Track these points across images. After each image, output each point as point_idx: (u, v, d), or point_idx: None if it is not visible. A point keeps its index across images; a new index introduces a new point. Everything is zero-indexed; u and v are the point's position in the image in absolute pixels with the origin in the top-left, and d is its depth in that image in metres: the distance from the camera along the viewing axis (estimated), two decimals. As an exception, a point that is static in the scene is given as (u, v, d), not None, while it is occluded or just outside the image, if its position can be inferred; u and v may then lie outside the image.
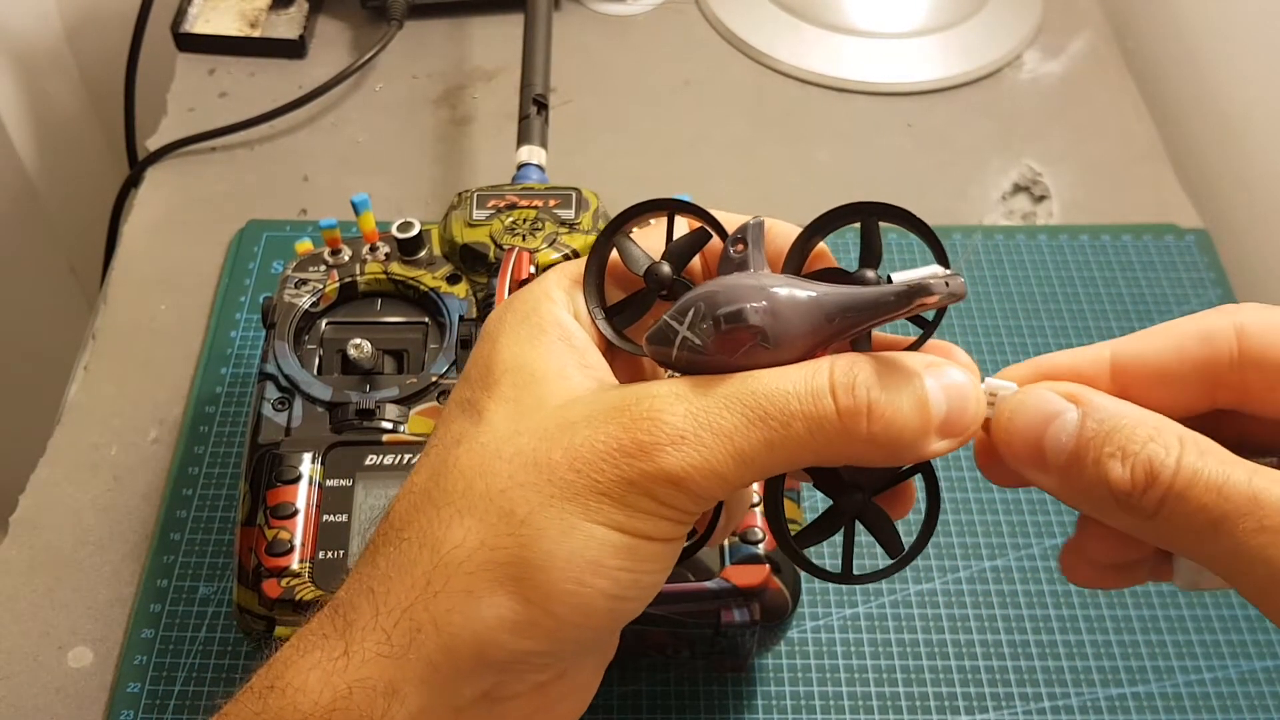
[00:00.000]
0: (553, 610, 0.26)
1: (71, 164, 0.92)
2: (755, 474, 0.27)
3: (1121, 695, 0.49)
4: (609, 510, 0.26)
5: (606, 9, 0.81)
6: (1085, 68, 0.78)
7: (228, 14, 0.78)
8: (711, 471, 0.26)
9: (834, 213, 0.29)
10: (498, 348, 0.29)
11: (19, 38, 0.85)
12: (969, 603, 0.52)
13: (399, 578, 0.27)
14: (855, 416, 0.26)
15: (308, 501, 0.43)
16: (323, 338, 0.49)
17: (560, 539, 0.26)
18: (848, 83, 0.76)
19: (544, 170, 0.57)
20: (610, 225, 0.30)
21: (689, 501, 0.27)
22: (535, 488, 0.27)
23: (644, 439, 0.26)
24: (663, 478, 0.26)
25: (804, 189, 0.70)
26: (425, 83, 0.75)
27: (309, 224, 0.66)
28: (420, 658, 0.27)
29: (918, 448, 0.27)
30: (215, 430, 0.56)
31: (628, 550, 0.27)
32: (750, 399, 0.26)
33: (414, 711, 0.27)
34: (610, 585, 0.27)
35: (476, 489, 0.27)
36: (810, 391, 0.26)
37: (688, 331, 0.27)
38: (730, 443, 0.26)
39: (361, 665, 0.27)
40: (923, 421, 0.26)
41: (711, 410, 0.26)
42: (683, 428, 0.26)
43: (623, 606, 0.27)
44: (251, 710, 0.27)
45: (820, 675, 0.49)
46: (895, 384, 0.26)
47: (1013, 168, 0.71)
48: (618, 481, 0.26)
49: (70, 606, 0.51)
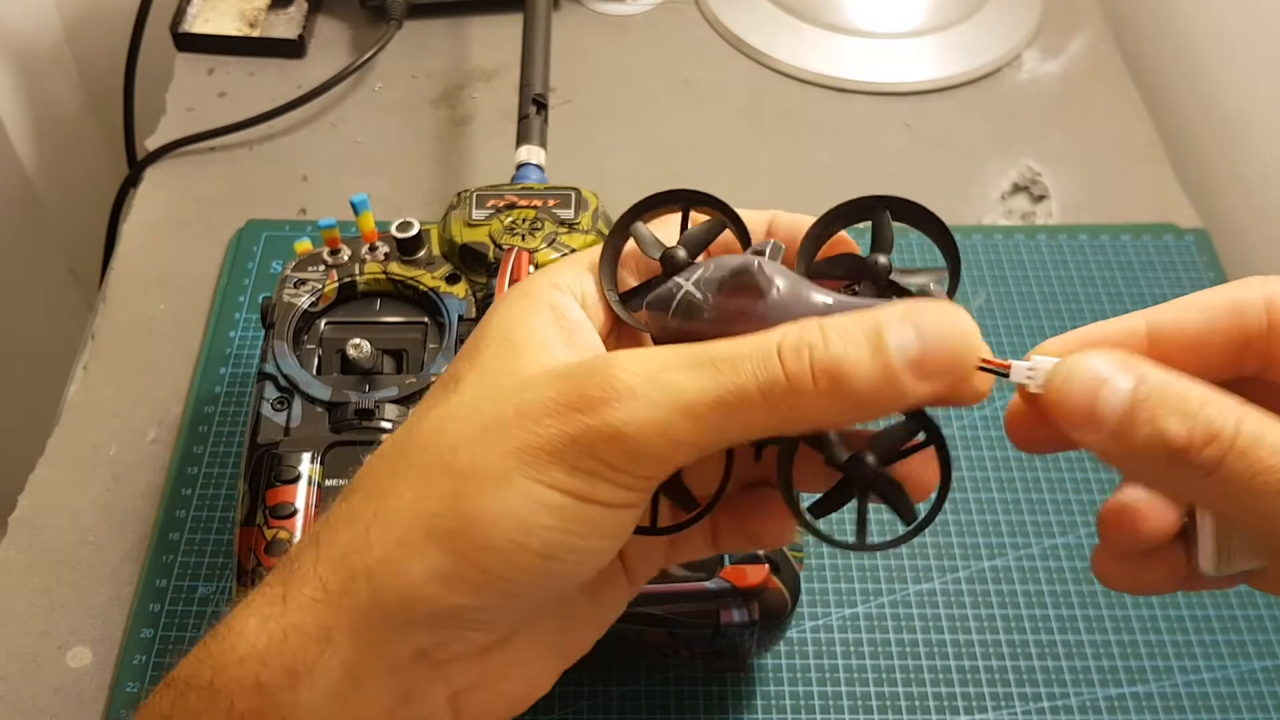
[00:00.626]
0: (481, 564, 0.26)
1: (71, 164, 0.92)
2: (710, 435, 0.26)
3: (1120, 695, 0.49)
4: (549, 467, 0.26)
5: (606, 9, 0.81)
6: (1084, 68, 0.78)
7: (227, 14, 0.78)
8: (659, 428, 0.25)
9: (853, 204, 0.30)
10: (489, 322, 0.29)
11: (18, 37, 0.84)
12: (968, 603, 0.52)
13: (343, 529, 0.28)
14: (801, 377, 0.25)
15: (307, 501, 0.43)
16: (322, 337, 0.49)
17: (495, 494, 0.26)
18: (847, 82, 0.76)
19: (543, 170, 0.57)
20: (629, 212, 0.30)
21: (635, 463, 0.26)
22: (480, 443, 0.26)
23: (592, 394, 0.26)
24: (607, 433, 0.25)
25: (803, 189, 0.70)
26: (424, 82, 0.75)
27: (308, 224, 0.66)
28: (352, 606, 0.27)
29: (890, 395, 0.26)
30: (214, 430, 0.56)
31: (563, 511, 0.26)
32: (705, 357, 0.26)
33: (347, 661, 0.27)
34: (541, 545, 0.26)
35: (429, 448, 0.27)
36: (761, 352, 0.26)
37: (690, 286, 0.28)
38: (680, 399, 0.25)
39: (298, 610, 0.27)
40: (882, 368, 0.25)
41: (667, 368, 0.26)
42: (633, 384, 0.26)
43: (556, 568, 0.27)
44: (196, 656, 0.28)
45: (819, 675, 0.49)
46: (849, 338, 0.26)
47: (1012, 168, 0.71)
48: (560, 437, 0.26)
49: (69, 606, 0.51)
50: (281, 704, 0.27)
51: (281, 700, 0.27)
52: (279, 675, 0.27)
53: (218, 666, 0.27)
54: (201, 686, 0.27)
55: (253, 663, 0.27)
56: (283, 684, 0.27)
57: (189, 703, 0.27)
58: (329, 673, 0.27)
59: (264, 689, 0.27)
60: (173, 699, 0.28)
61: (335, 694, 0.27)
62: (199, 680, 0.27)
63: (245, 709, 0.27)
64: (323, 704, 0.27)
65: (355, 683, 0.27)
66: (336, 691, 0.27)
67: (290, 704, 0.27)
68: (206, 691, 0.27)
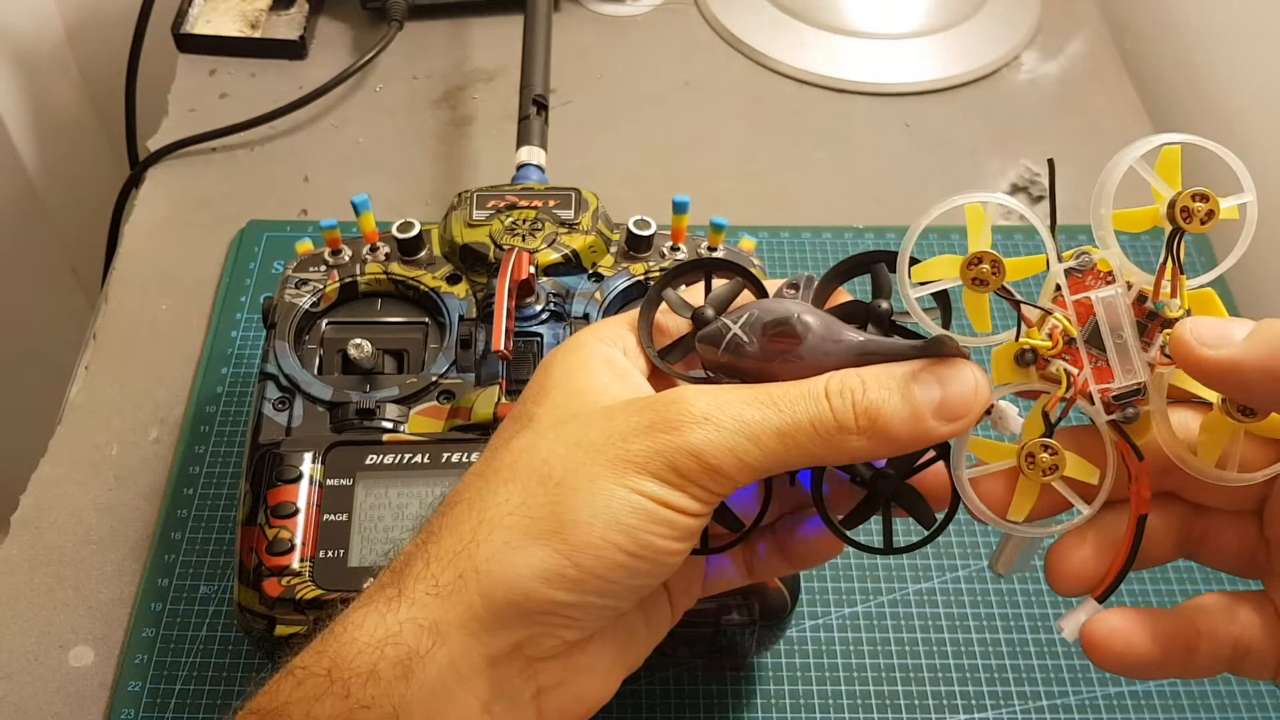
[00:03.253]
0: (579, 561, 0.30)
1: (72, 164, 0.92)
2: (769, 460, 0.30)
3: (1119, 694, 0.49)
4: (635, 476, 0.30)
5: (606, 10, 0.81)
6: (1083, 68, 0.78)
7: (228, 15, 0.78)
8: (729, 449, 0.30)
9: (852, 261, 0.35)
10: (549, 371, 0.34)
11: (20, 39, 0.85)
12: (967, 601, 0.52)
13: (449, 534, 0.31)
14: (844, 413, 0.30)
15: (308, 501, 0.43)
16: (323, 338, 0.49)
17: (589, 497, 0.30)
18: (846, 83, 0.76)
19: (544, 171, 0.57)
20: (660, 280, 0.35)
21: (708, 477, 0.30)
22: (573, 457, 0.31)
23: (673, 418, 0.30)
24: (687, 449, 0.30)
25: (802, 189, 0.70)
26: (425, 83, 0.76)
27: (309, 224, 0.66)
28: (462, 601, 0.30)
29: (919, 433, 0.30)
30: (216, 430, 0.57)
31: (648, 514, 0.30)
32: (764, 395, 0.31)
33: (454, 654, 0.30)
34: (628, 542, 0.30)
35: (522, 462, 0.31)
36: (812, 393, 0.31)
37: (739, 329, 0.32)
38: (746, 427, 0.30)
39: (412, 605, 0.30)
40: (911, 410, 0.30)
41: (732, 402, 0.30)
42: (707, 411, 0.30)
43: (640, 567, 0.30)
44: (314, 649, 0.30)
45: (819, 674, 0.50)
46: (884, 385, 0.30)
47: (1010, 168, 0.71)
48: (646, 451, 0.30)
49: (71, 606, 0.51)
50: (394, 693, 0.29)
51: (394, 690, 0.29)
52: (393, 666, 0.29)
53: (336, 658, 0.30)
54: (319, 675, 0.29)
55: (369, 654, 0.29)
56: (396, 675, 0.29)
57: (307, 690, 0.29)
58: (437, 665, 0.29)
59: (379, 678, 0.29)
60: (291, 686, 0.30)
61: (441, 685, 0.29)
62: (317, 669, 0.30)
63: (360, 697, 0.29)
64: (430, 695, 0.29)
65: (459, 675, 0.30)
66: (442, 683, 0.29)
67: (401, 694, 0.29)
68: (324, 680, 0.29)
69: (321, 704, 0.29)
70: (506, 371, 0.47)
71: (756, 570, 0.38)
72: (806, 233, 0.66)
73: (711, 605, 0.43)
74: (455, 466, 0.44)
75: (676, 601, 0.37)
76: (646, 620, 0.36)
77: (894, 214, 0.68)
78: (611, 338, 0.35)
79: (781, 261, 0.64)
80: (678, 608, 0.37)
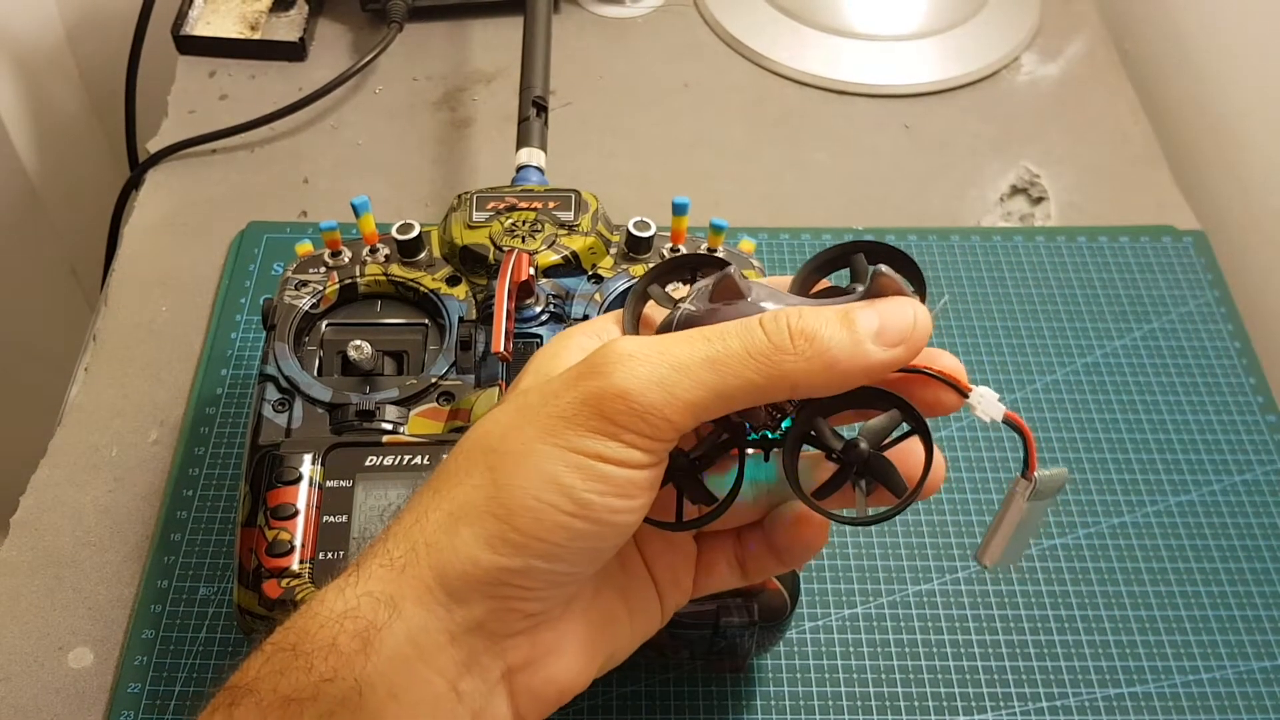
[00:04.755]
0: (517, 525, 0.30)
1: (72, 166, 0.92)
2: (703, 391, 0.30)
3: (1119, 695, 0.49)
4: (565, 433, 0.30)
5: (606, 11, 0.81)
6: (1083, 70, 0.78)
7: (228, 16, 0.78)
8: (657, 382, 0.29)
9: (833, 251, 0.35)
10: (530, 363, 0.34)
11: (20, 40, 0.85)
12: (967, 603, 0.52)
13: (407, 513, 0.32)
14: (779, 335, 0.30)
15: (308, 502, 0.43)
16: (323, 339, 0.49)
17: (522, 459, 0.30)
18: (846, 85, 0.76)
19: (543, 172, 0.57)
20: (644, 277, 0.36)
21: (640, 419, 0.29)
22: (511, 423, 0.31)
23: (598, 363, 0.30)
24: (613, 391, 0.29)
25: (802, 190, 0.70)
26: (425, 85, 0.76)
27: (309, 226, 0.66)
28: (414, 575, 0.30)
29: (858, 356, 0.30)
30: (216, 431, 0.57)
31: (582, 470, 0.30)
32: (696, 333, 0.31)
33: (411, 628, 0.30)
34: (567, 504, 0.30)
35: (471, 438, 0.32)
36: (744, 324, 0.31)
37: (687, 305, 0.33)
38: (674, 359, 0.30)
39: (368, 580, 0.30)
40: (850, 334, 0.30)
41: (661, 340, 0.31)
42: (633, 350, 0.30)
43: (583, 528, 0.30)
44: (285, 626, 0.31)
45: (819, 676, 0.49)
46: (819, 314, 0.31)
47: (1010, 170, 0.71)
48: (572, 403, 0.30)
49: (71, 607, 0.51)
50: (354, 666, 0.29)
51: (354, 663, 0.29)
52: (352, 639, 0.29)
53: (301, 633, 0.30)
54: (286, 650, 0.30)
55: (330, 627, 0.30)
56: (355, 648, 0.29)
57: (274, 665, 0.30)
58: (395, 639, 0.30)
59: (338, 651, 0.29)
60: (261, 662, 0.30)
61: (401, 659, 0.30)
62: (284, 644, 0.30)
63: (323, 670, 0.29)
64: (390, 669, 0.29)
65: (419, 650, 0.30)
66: (402, 657, 0.30)
67: (361, 666, 0.29)
68: (290, 654, 0.30)
69: (287, 678, 0.29)
70: (506, 373, 0.47)
71: (749, 570, 0.38)
72: (806, 234, 0.66)
73: (711, 607, 0.43)
74: (455, 468, 0.44)
75: (665, 593, 0.36)
76: (628, 606, 0.35)
77: (894, 215, 0.68)
78: (593, 330, 0.35)
79: (781, 263, 0.64)
80: (667, 601, 0.37)
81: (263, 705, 0.29)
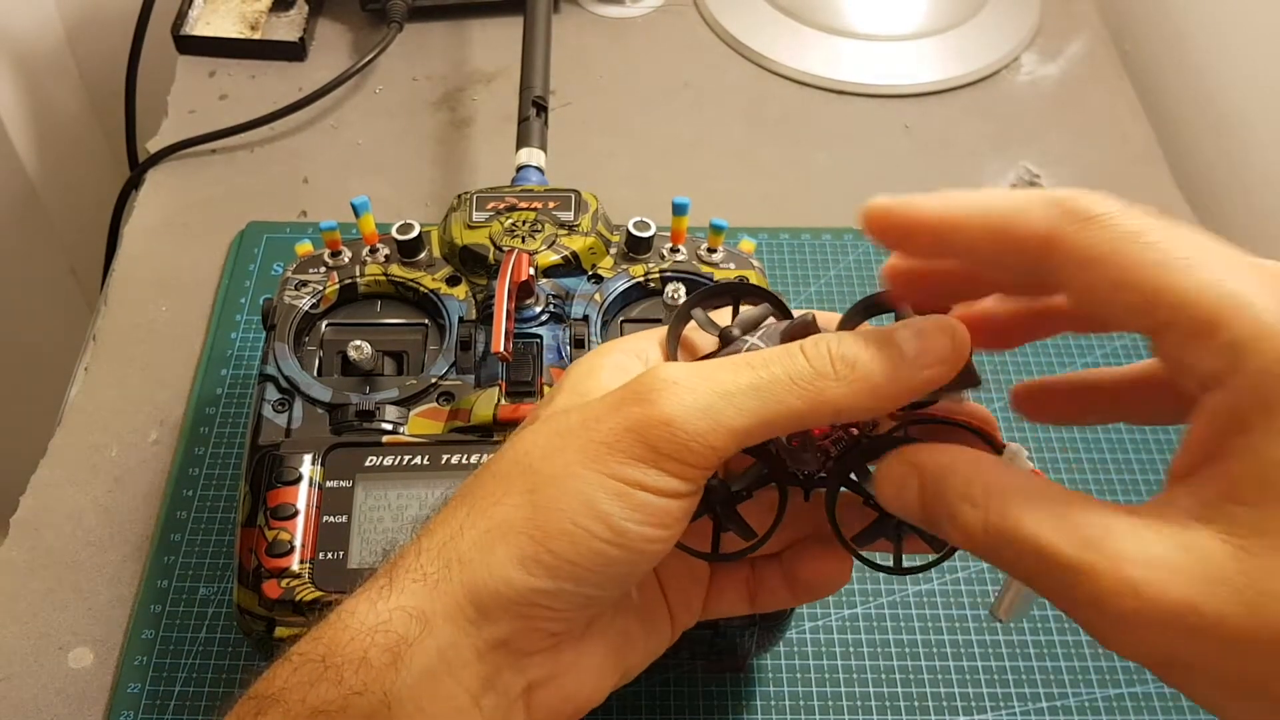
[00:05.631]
0: (553, 547, 0.30)
1: (72, 166, 0.92)
2: (747, 418, 0.29)
3: (1119, 695, 0.49)
4: (607, 459, 0.30)
5: (606, 11, 0.81)
6: (1083, 70, 0.78)
7: (228, 16, 0.78)
8: (702, 410, 0.29)
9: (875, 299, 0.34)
10: (565, 376, 0.34)
11: (20, 40, 0.85)
12: (967, 603, 0.52)
13: (440, 527, 0.31)
14: (820, 360, 0.30)
15: (308, 503, 0.43)
16: (323, 339, 0.49)
17: (562, 483, 0.30)
18: (846, 85, 0.76)
19: (543, 172, 0.57)
20: (689, 300, 0.36)
21: (683, 448, 0.29)
22: (551, 445, 0.31)
23: (642, 390, 0.30)
24: (658, 418, 0.29)
25: (802, 190, 0.70)
26: (425, 85, 0.76)
27: (309, 226, 0.66)
28: (447, 592, 0.30)
29: (900, 378, 0.30)
30: (215, 431, 0.57)
31: (621, 497, 0.29)
32: (740, 360, 0.30)
33: (442, 644, 0.30)
34: (604, 530, 0.29)
35: (508, 456, 0.32)
36: (787, 351, 0.30)
37: (757, 339, 0.33)
38: (720, 385, 0.29)
39: (400, 594, 0.30)
40: (890, 358, 0.30)
41: (705, 367, 0.30)
42: (677, 377, 0.30)
43: (617, 555, 0.30)
44: (311, 636, 0.31)
45: (819, 675, 0.49)
46: (858, 339, 0.30)
47: (1010, 169, 0.71)
48: (616, 429, 0.30)
49: (71, 607, 0.51)
50: (384, 680, 0.29)
51: (384, 677, 0.29)
52: (383, 653, 0.29)
53: (330, 644, 0.30)
54: (315, 661, 0.30)
55: (361, 640, 0.30)
56: (386, 661, 0.29)
57: (303, 675, 0.30)
58: (425, 654, 0.30)
59: (369, 665, 0.29)
60: (288, 672, 0.30)
61: (430, 675, 0.30)
62: (313, 655, 0.30)
63: (353, 683, 0.29)
64: (418, 684, 0.29)
65: (447, 665, 0.30)
66: (431, 672, 0.30)
67: (391, 681, 0.29)
68: (319, 666, 0.30)
69: (316, 689, 0.29)
70: (506, 373, 0.47)
71: (759, 599, 0.38)
72: (806, 234, 0.66)
73: (711, 607, 0.43)
74: (455, 468, 0.44)
75: (676, 615, 0.37)
76: (644, 626, 0.36)
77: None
78: (632, 348, 0.35)
79: (781, 263, 0.64)
80: (677, 622, 0.37)
81: (290, 715, 0.29)
